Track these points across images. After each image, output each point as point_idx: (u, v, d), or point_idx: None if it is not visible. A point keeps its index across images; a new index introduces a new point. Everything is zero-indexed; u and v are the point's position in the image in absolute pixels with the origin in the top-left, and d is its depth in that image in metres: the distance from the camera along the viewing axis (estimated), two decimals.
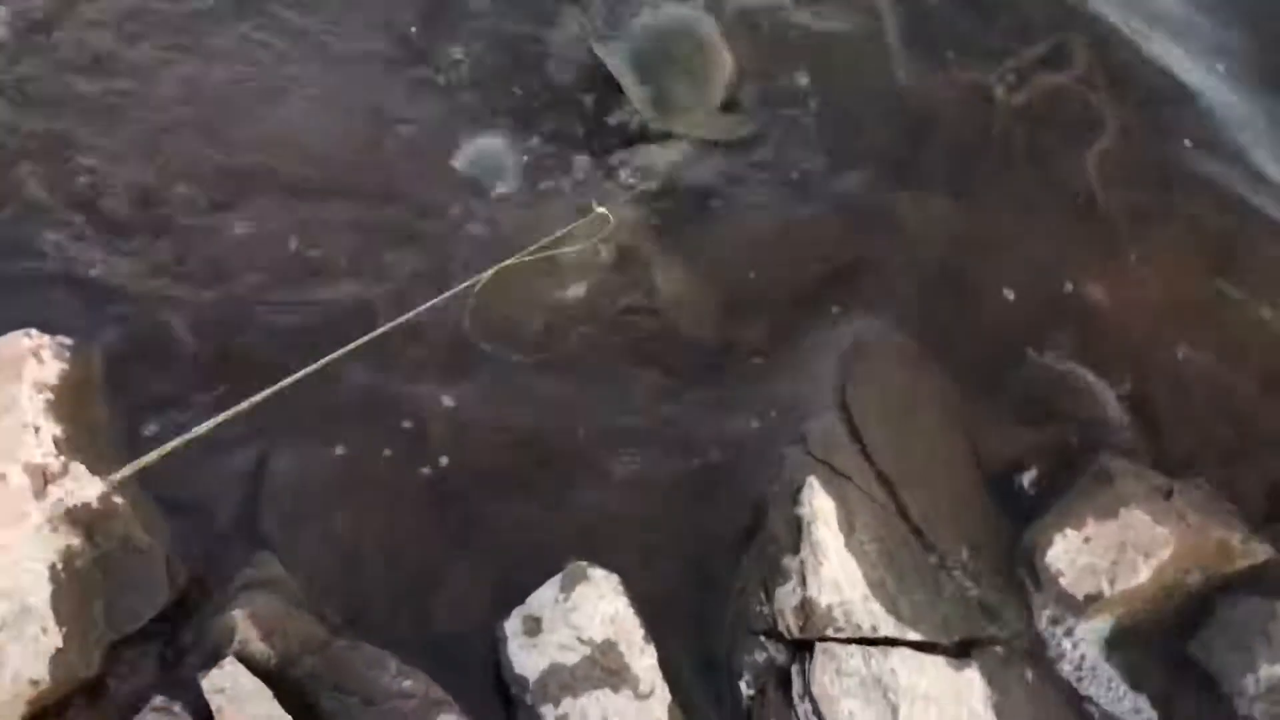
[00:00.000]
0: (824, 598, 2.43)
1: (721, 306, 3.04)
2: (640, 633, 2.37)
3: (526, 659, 2.33)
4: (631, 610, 2.39)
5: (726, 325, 3.02)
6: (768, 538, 2.57)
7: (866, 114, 3.57)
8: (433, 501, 2.57)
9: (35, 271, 2.73)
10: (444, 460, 2.62)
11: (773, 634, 2.47)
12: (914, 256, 3.28)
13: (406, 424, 2.68)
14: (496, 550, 2.53)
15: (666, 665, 2.37)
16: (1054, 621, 2.68)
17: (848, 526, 2.57)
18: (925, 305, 3.18)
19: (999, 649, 2.61)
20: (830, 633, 2.42)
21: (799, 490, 2.59)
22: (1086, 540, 2.70)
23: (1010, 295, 3.24)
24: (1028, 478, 2.92)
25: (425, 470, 2.61)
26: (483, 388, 2.78)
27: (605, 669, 2.32)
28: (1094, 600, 2.65)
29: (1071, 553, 2.69)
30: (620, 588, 2.42)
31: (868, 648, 2.42)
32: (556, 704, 2.29)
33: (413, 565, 2.49)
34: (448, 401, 2.73)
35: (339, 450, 2.61)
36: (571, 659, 2.33)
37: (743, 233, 3.22)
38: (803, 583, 2.45)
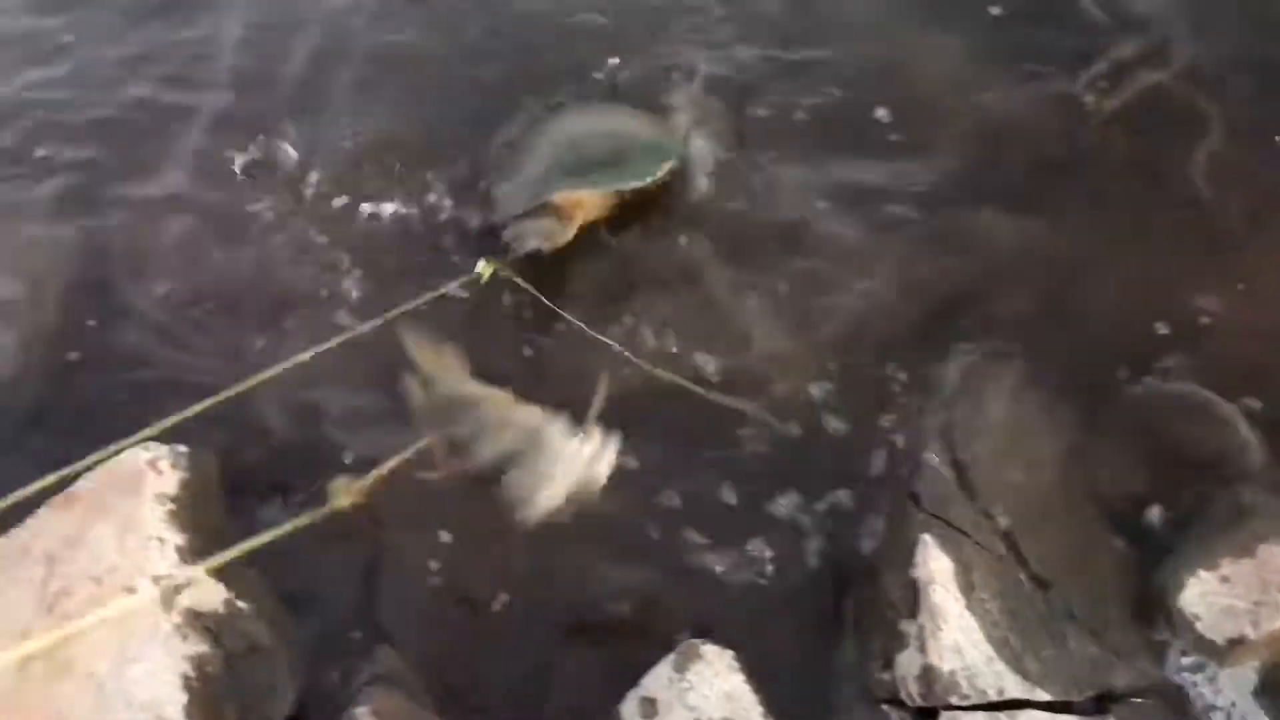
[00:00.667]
0: (946, 664, 2.36)
1: (814, 355, 2.99)
2: (759, 709, 2.34)
3: None
4: (748, 686, 2.36)
5: (821, 375, 2.96)
6: (884, 602, 2.50)
7: (943, 136, 3.46)
8: (540, 580, 2.58)
9: (144, 378, 2.87)
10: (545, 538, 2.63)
11: (895, 702, 2.40)
12: (1011, 282, 3.16)
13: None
14: (607, 630, 2.53)
15: None
16: (1194, 669, 2.54)
17: (966, 585, 2.48)
18: (1028, 333, 3.06)
19: (1136, 701, 2.49)
20: (955, 700, 2.34)
21: (913, 550, 2.52)
22: (1223, 580, 2.56)
23: (1119, 316, 3.10)
24: (1153, 513, 2.78)
25: (528, 550, 2.62)
26: None
27: None
28: (1237, 645, 2.51)
29: (1208, 595, 2.55)
30: (735, 663, 2.39)
31: (994, 713, 2.34)
32: None
33: (527, 650, 2.51)
34: None
35: (444, 535, 2.64)
36: None
37: (826, 272, 3.16)
38: (923, 649, 2.38)
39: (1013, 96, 3.54)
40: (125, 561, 2.31)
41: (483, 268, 2.92)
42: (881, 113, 3.50)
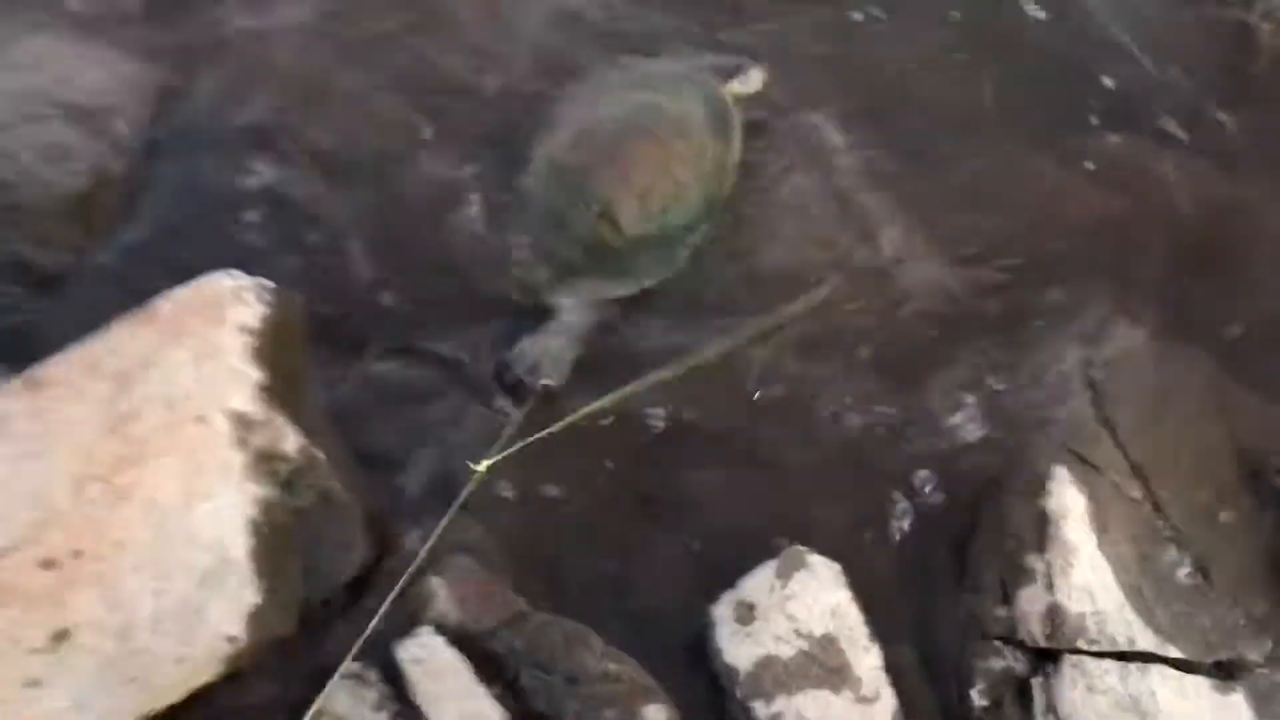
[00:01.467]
0: (1075, 605, 2.15)
1: (950, 271, 2.74)
2: (865, 630, 2.15)
3: (739, 649, 2.14)
4: (855, 605, 2.17)
5: (956, 292, 2.71)
6: (1007, 532, 2.29)
7: (1101, 53, 3.17)
8: (639, 468, 2.39)
9: (237, 203, 2.68)
10: (657, 424, 2.44)
11: (1012, 641, 2.20)
12: (1164, 219, 2.90)
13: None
14: (704, 528, 2.34)
15: (889, 667, 2.14)
16: None
17: (1100, 525, 2.27)
18: (1179, 275, 2.82)
19: (1266, 672, 2.28)
20: (1082, 644, 2.14)
21: (1045, 481, 2.30)
22: None
23: (1273, 263, 2.85)
24: None
25: (635, 435, 2.43)
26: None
27: (825, 666, 2.11)
28: None
29: None
30: (843, 578, 2.20)
31: (1124, 664, 2.14)
32: (770, 700, 2.09)
33: (616, 537, 2.32)
34: None
35: None
36: (788, 652, 2.12)
37: (972, 185, 2.90)
38: (1050, 587, 2.18)
39: (1181, 17, 3.24)
40: (200, 390, 2.13)
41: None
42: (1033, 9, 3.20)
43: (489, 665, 2.09)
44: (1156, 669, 2.15)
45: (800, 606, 2.15)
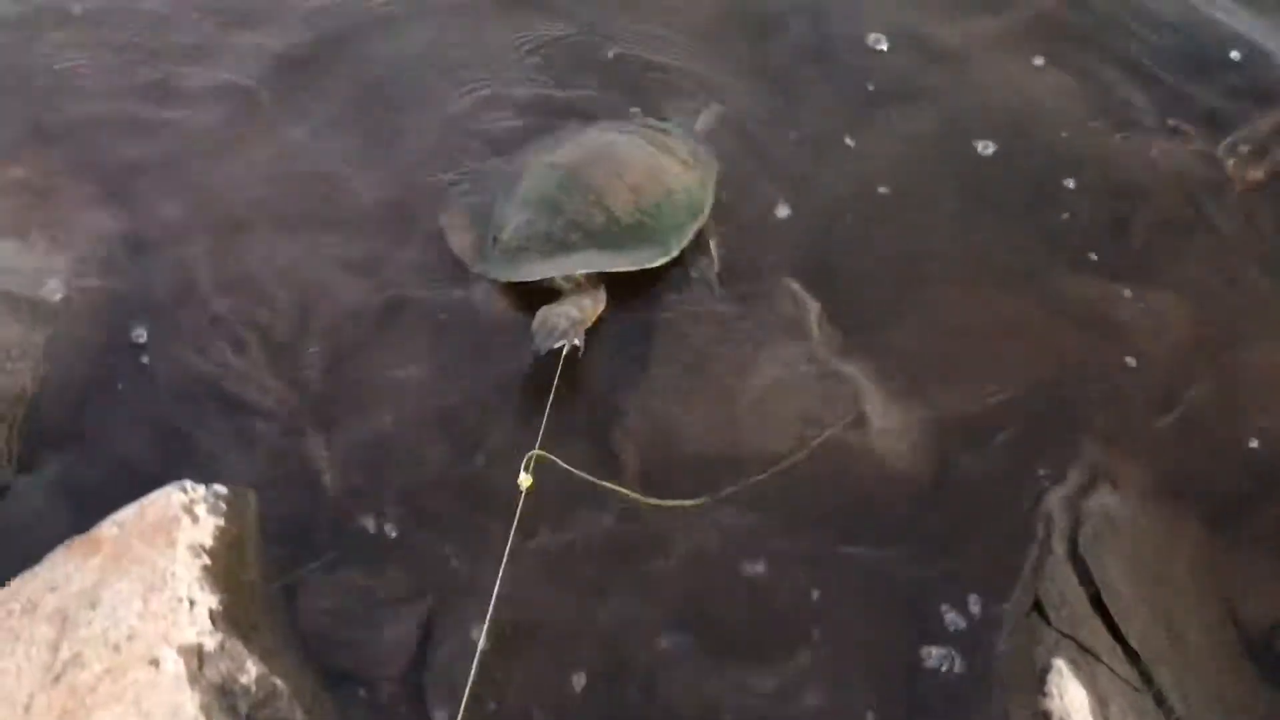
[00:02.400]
0: None
1: (930, 438, 2.66)
2: None
3: None
4: None
5: (937, 460, 2.64)
6: None
7: (1066, 195, 3.15)
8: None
9: (189, 400, 2.54)
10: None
11: None
12: (1141, 367, 2.85)
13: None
14: None
15: None
16: None
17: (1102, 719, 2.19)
18: (1160, 428, 2.76)
19: None
20: None
21: (1044, 675, 2.21)
22: None
23: (1262, 414, 2.81)
24: None
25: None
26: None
27: None
28: None
29: None
30: None
31: None
32: None
33: None
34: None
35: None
36: None
37: (944, 343, 2.83)
38: None
39: (1145, 150, 3.23)
40: (149, 628, 1.97)
41: (524, 480, 2.30)
42: (987, 147, 3.18)
43: None
44: None
45: None
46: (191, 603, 2.04)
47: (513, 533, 2.22)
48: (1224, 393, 2.84)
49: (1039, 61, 3.44)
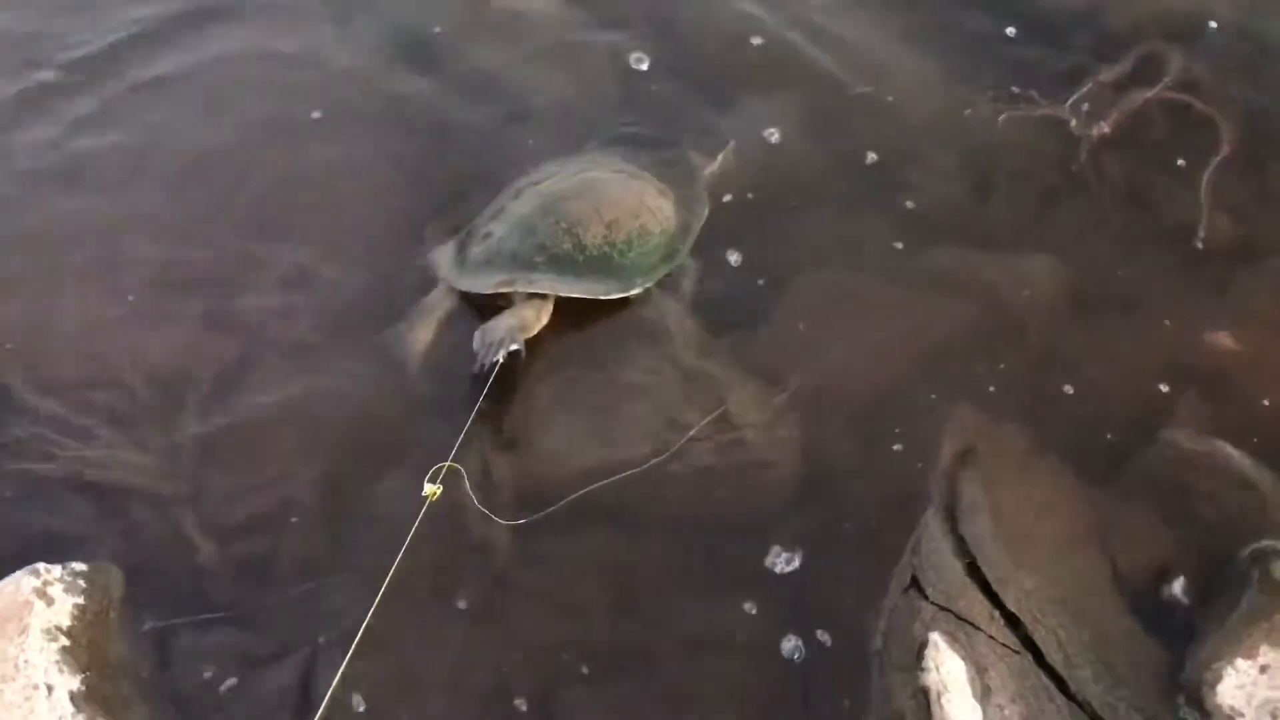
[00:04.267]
0: None
1: (801, 424, 2.68)
2: None
3: None
4: None
5: (810, 446, 2.65)
6: (890, 712, 2.21)
7: (925, 170, 3.18)
8: None
9: (42, 477, 2.50)
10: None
11: None
12: (1009, 329, 2.88)
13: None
14: None
15: None
16: None
17: (982, 688, 2.20)
18: (1030, 386, 2.79)
19: None
20: None
21: (921, 650, 2.23)
22: (1263, 670, 2.30)
23: (1127, 364, 2.85)
24: (1178, 587, 2.50)
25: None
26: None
27: None
28: None
29: (1247, 687, 2.28)
30: None
31: None
32: None
33: None
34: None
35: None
36: None
37: (807, 326, 2.85)
38: None
39: (1000, 126, 3.26)
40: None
41: (430, 490, 2.35)
42: (872, 156, 3.21)
43: None
44: None
45: None
46: (49, 688, 2.02)
47: (399, 558, 2.21)
48: (1096, 351, 2.88)
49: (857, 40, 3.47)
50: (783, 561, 2.46)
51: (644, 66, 3.41)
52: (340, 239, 2.99)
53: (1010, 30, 3.46)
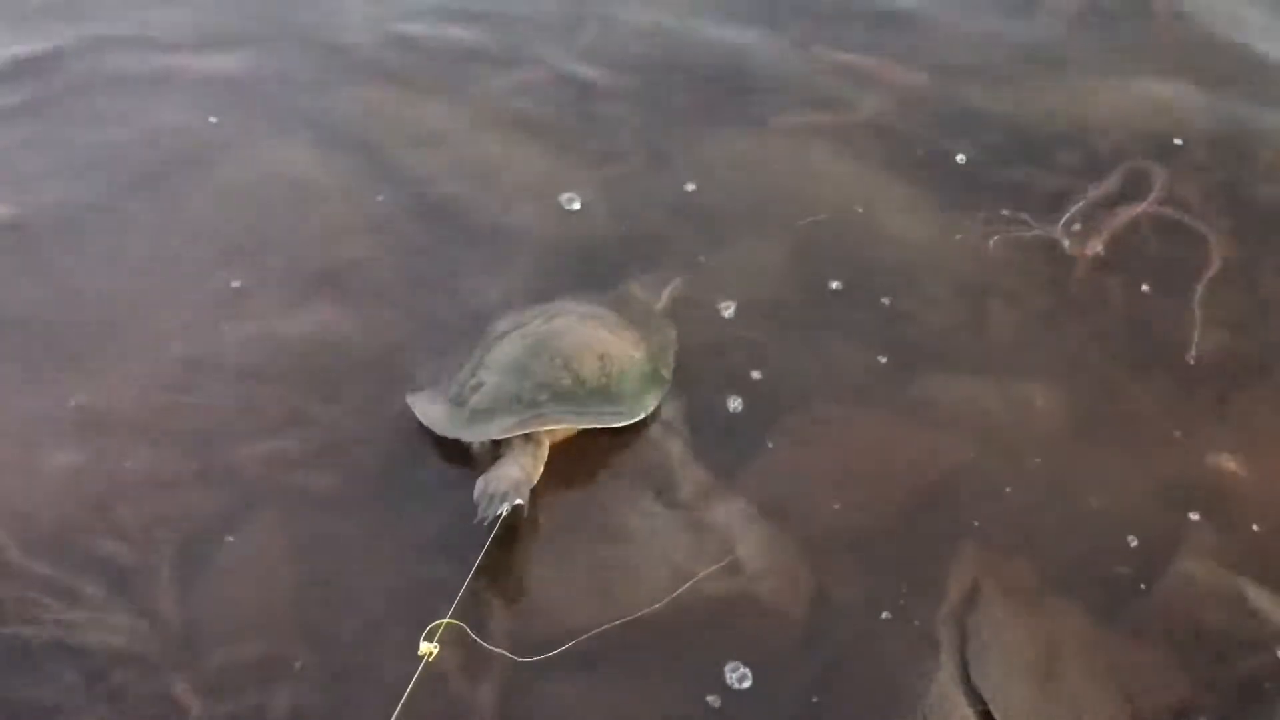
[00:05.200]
0: None
1: (806, 567, 2.62)
2: None
3: None
4: None
5: (815, 590, 2.59)
6: None
7: (918, 298, 3.18)
8: None
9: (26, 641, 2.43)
10: None
11: None
12: (1008, 458, 2.84)
13: None
14: None
15: None
16: None
17: None
18: (1033, 519, 2.74)
19: None
20: None
21: None
22: None
23: (1130, 491, 2.80)
24: None
25: None
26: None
27: None
28: None
29: None
30: None
31: None
32: None
33: None
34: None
35: None
36: None
37: (806, 463, 2.81)
38: None
39: (991, 250, 3.27)
40: None
41: (426, 649, 2.28)
42: (835, 285, 3.21)
43: None
44: None
45: None
46: None
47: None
48: (1099, 477, 2.84)
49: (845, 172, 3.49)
50: (785, 708, 2.39)
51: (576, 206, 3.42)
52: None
53: (995, 155, 3.49)
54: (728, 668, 2.42)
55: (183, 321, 3.07)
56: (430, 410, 2.80)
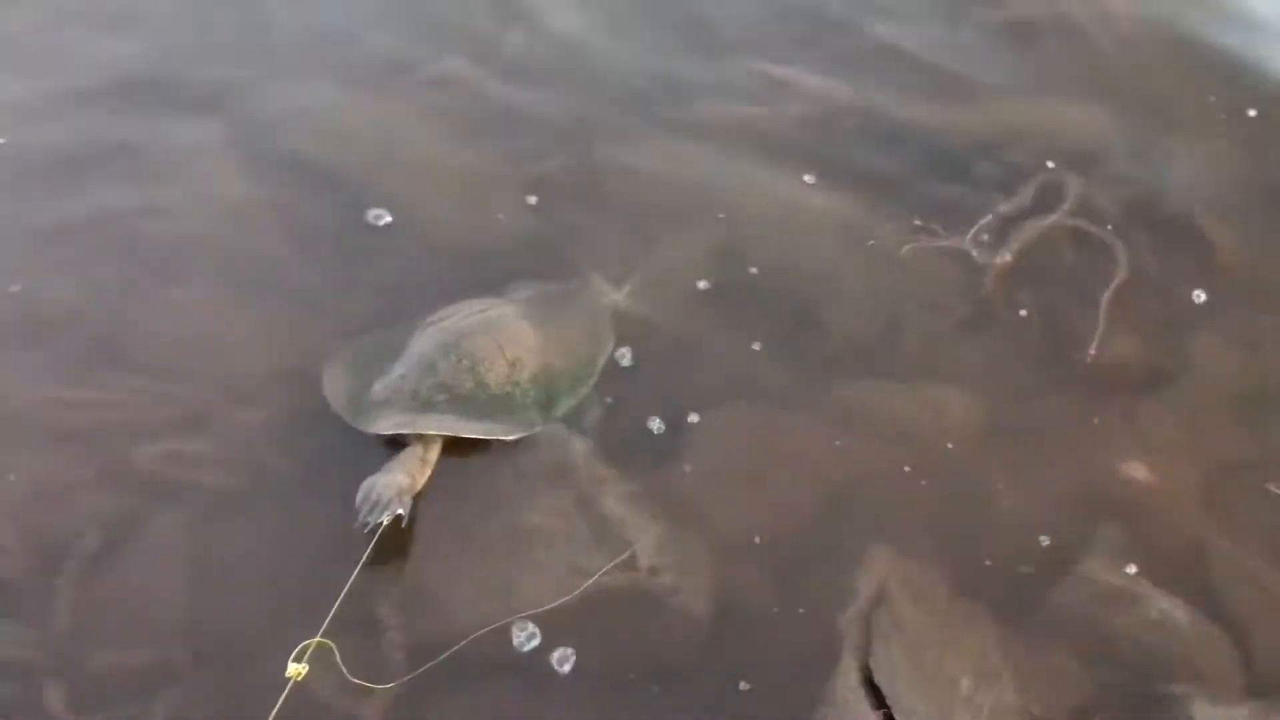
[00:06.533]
0: None
1: (713, 567, 2.60)
2: None
3: None
4: None
5: (722, 590, 2.57)
6: None
7: (833, 303, 3.17)
8: None
9: None
10: None
11: None
12: (922, 463, 2.85)
13: None
14: None
15: None
16: None
17: None
18: (945, 521, 2.75)
19: None
20: None
21: None
22: None
23: (1041, 496, 2.82)
24: None
25: None
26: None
27: None
28: None
29: None
30: None
31: None
32: None
33: None
34: None
35: None
36: None
37: (719, 464, 2.79)
38: None
39: (895, 253, 3.29)
40: None
41: (294, 670, 2.20)
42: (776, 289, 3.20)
43: None
44: None
45: None
46: None
47: None
48: (1010, 482, 2.86)
49: (764, 179, 3.49)
50: (689, 713, 2.36)
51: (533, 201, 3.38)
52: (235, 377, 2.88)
53: (913, 167, 3.52)
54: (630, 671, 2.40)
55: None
56: (336, 386, 2.75)
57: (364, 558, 2.38)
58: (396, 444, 2.63)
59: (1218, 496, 2.87)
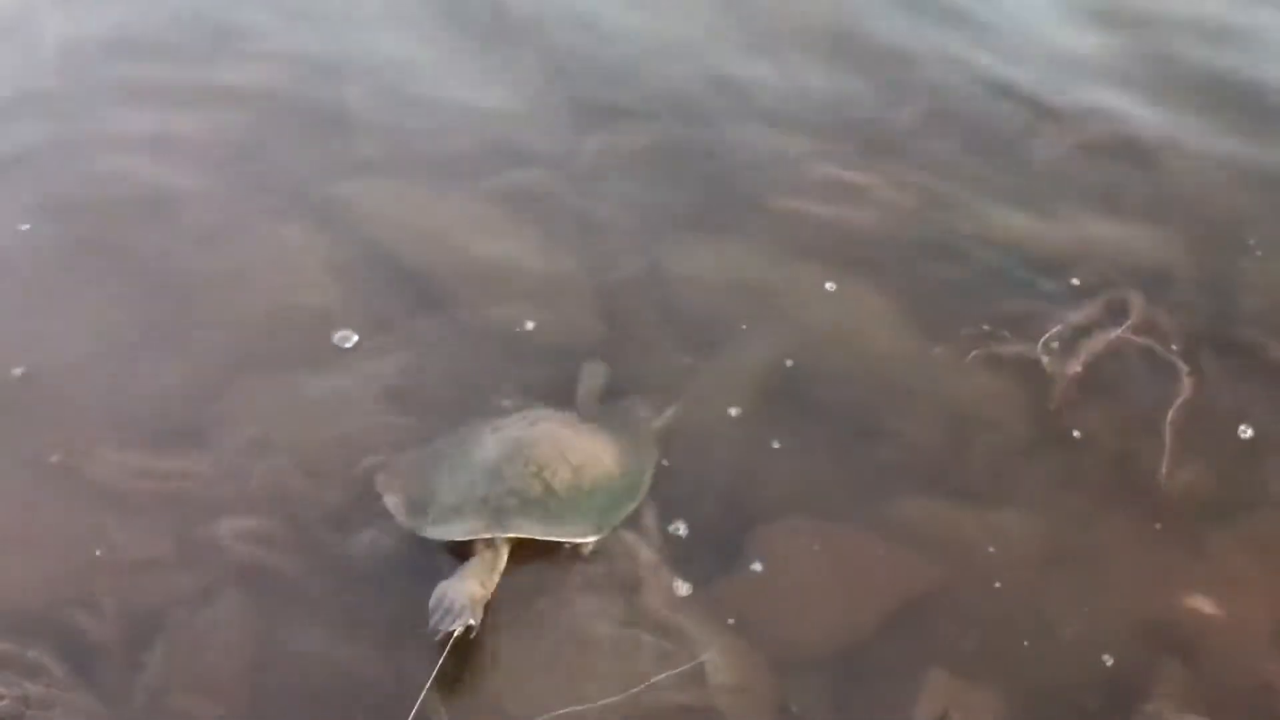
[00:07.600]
0: None
1: (771, 686, 2.58)
2: None
3: None
4: None
5: (780, 706, 2.55)
6: None
7: (897, 419, 3.17)
8: None
9: None
10: None
11: None
12: (982, 587, 2.81)
13: None
14: None
15: None
16: None
17: None
18: (1005, 649, 2.71)
19: None
20: None
21: None
22: None
23: (1103, 627, 2.75)
24: None
25: None
26: None
27: None
28: None
29: None
30: None
31: None
32: None
33: None
34: None
35: None
36: None
37: (780, 579, 2.78)
38: None
39: (970, 368, 3.29)
40: None
41: None
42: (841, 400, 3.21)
43: None
44: None
45: None
46: None
47: None
48: (1072, 610, 2.81)
49: (830, 286, 3.53)
50: None
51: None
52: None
53: (980, 278, 3.54)
54: None
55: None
56: (398, 499, 2.79)
57: (437, 667, 2.39)
58: (455, 550, 2.67)
59: None
